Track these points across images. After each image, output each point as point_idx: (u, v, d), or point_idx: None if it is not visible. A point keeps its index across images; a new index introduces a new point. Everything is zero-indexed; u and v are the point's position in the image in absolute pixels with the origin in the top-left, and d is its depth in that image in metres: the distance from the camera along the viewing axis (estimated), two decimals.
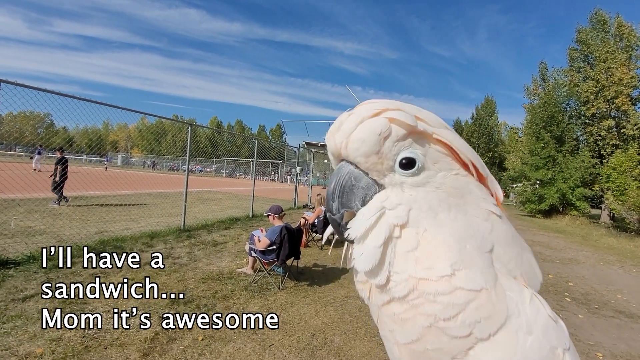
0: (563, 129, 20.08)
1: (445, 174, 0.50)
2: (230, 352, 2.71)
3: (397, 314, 0.47)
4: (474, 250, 0.47)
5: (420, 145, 0.49)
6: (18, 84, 4.19)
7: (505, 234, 0.51)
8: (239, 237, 6.85)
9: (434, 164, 0.50)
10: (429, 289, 0.45)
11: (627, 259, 9.06)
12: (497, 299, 0.45)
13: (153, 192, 12.86)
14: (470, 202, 0.50)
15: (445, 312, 0.44)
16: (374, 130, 0.47)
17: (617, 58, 18.32)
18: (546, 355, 0.45)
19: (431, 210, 0.48)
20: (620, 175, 16.06)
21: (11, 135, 19.42)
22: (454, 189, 0.50)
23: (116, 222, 6.99)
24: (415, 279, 0.45)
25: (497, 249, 0.49)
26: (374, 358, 2.86)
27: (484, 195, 0.52)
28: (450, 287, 0.44)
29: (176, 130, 29.63)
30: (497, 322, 0.45)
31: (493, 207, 0.51)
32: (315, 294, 4.16)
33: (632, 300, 5.23)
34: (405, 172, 0.49)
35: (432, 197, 0.49)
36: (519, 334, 0.45)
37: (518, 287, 0.49)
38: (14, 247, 4.53)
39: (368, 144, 0.47)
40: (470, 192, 0.51)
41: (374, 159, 0.48)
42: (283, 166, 38.72)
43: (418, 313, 0.45)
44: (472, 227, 0.48)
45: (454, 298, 0.44)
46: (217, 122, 70.48)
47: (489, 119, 44.22)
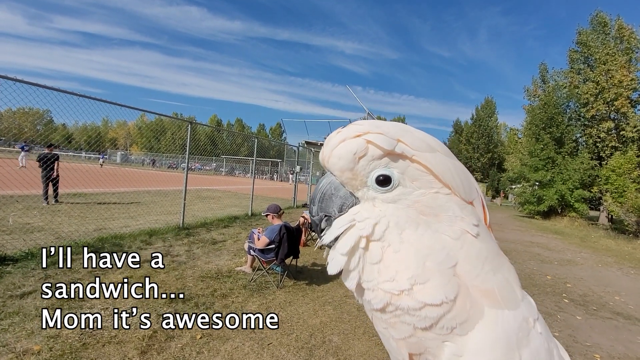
0: (563, 131, 20.11)
1: (423, 192, 0.52)
2: (229, 350, 2.71)
3: (384, 319, 0.53)
4: (435, 266, 0.50)
5: (398, 164, 0.52)
6: (17, 80, 4.18)
7: (478, 252, 0.53)
8: (237, 235, 6.84)
9: (412, 181, 0.52)
10: (402, 304, 0.49)
11: (625, 260, 9.08)
12: (469, 305, 0.50)
13: (152, 190, 12.84)
14: (445, 220, 0.52)
15: (422, 323, 0.49)
16: (350, 149, 0.51)
17: (617, 60, 18.35)
18: (520, 324, 0.52)
19: (397, 227, 0.51)
20: (619, 177, 16.11)
21: (10, 131, 19.38)
22: (427, 207, 0.52)
23: (115, 220, 6.97)
24: (388, 294, 0.50)
25: (463, 264, 0.51)
26: (372, 357, 2.86)
27: (465, 214, 0.53)
28: (417, 302, 0.49)
29: (176, 128, 29.56)
30: (475, 320, 0.51)
31: (470, 226, 0.53)
32: (314, 293, 4.16)
33: (629, 302, 5.24)
34: (379, 188, 0.52)
35: (401, 214, 0.52)
36: (497, 311, 0.52)
37: (510, 288, 0.56)
38: (12, 243, 4.51)
39: (343, 161, 0.52)
40: (447, 210, 0.52)
41: (348, 175, 0.53)
42: (282, 165, 38.72)
43: (400, 321, 0.51)
44: (438, 244, 0.51)
45: (425, 312, 0.49)
46: (216, 121, 70.38)
47: (488, 120, 44.28)
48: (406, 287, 0.49)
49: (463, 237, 0.52)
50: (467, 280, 0.51)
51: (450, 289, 0.49)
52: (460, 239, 0.52)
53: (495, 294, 0.52)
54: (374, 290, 0.51)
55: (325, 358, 2.78)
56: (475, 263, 0.52)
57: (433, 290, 0.49)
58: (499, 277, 0.54)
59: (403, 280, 0.49)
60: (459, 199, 0.53)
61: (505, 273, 0.55)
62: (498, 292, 0.52)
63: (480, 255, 0.53)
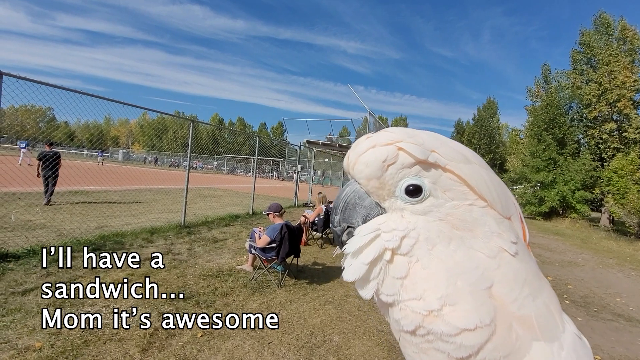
0: (565, 132, 20.06)
1: (456, 204, 0.48)
2: (229, 348, 2.71)
3: (414, 343, 0.48)
4: (467, 286, 0.45)
5: (430, 173, 0.48)
6: (20, 77, 4.19)
7: (516, 273, 0.48)
8: (239, 234, 6.85)
9: (445, 192, 0.48)
10: (435, 328, 0.45)
11: (627, 262, 9.06)
12: (514, 336, 0.45)
13: (154, 188, 12.86)
14: (480, 236, 0.48)
15: (458, 353, 0.44)
16: (380, 157, 0.48)
17: (620, 61, 18.27)
18: None
19: (427, 242, 0.47)
20: (621, 179, 16.06)
21: (12, 128, 19.43)
22: (461, 221, 0.48)
23: (116, 218, 6.99)
24: (418, 315, 0.45)
25: (499, 287, 0.46)
26: (372, 357, 2.86)
27: (502, 230, 0.49)
28: (452, 327, 0.44)
29: (177, 127, 29.57)
30: (521, 354, 0.45)
31: (509, 244, 0.48)
32: (315, 292, 4.17)
33: (630, 304, 5.23)
34: (409, 198, 0.49)
35: (432, 227, 0.48)
36: (553, 348, 0.46)
37: (551, 319, 0.49)
38: (14, 240, 4.53)
39: (370, 169, 0.49)
40: (483, 225, 0.48)
41: (374, 183, 0.50)
42: (284, 164, 38.71)
43: (432, 348, 0.46)
44: (472, 263, 0.47)
45: (461, 339, 0.44)
46: (218, 119, 70.43)
47: (490, 120, 44.17)
48: (436, 307, 0.45)
49: (500, 256, 0.47)
50: (504, 304, 0.46)
51: (485, 312, 0.44)
52: (496, 257, 0.47)
53: (533, 322, 0.46)
54: (402, 309, 0.47)
55: (326, 357, 2.78)
56: (513, 285, 0.47)
57: (465, 313, 0.44)
58: (539, 303, 0.48)
59: (432, 299, 0.45)
60: (495, 214, 0.49)
61: (545, 299, 0.49)
62: (535, 320, 0.47)
63: (518, 277, 0.48)
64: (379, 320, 3.57)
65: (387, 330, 3.37)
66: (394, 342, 3.14)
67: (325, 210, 6.69)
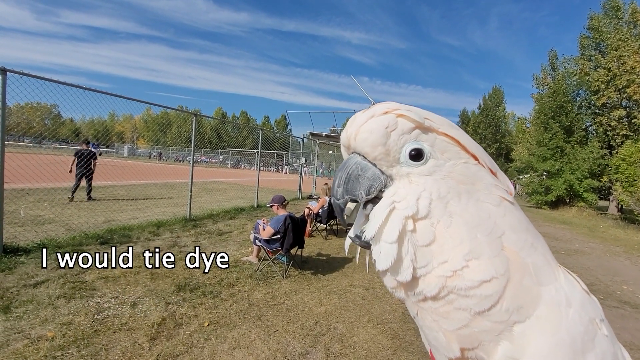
0: (572, 119, 19.70)
1: (454, 163, 0.51)
2: (236, 337, 2.77)
3: (436, 309, 0.49)
4: (485, 237, 0.47)
5: (427, 137, 0.51)
6: (23, 74, 4.22)
7: (519, 220, 0.51)
8: (243, 226, 6.91)
9: (442, 153, 0.51)
10: (459, 285, 0.46)
11: (634, 250, 8.98)
12: (529, 283, 0.47)
13: (159, 183, 12.97)
14: (481, 188, 0.51)
15: (480, 306, 0.46)
16: (382, 123, 0.50)
17: (630, 46, 17.79)
18: (586, 326, 0.49)
19: (441, 199, 0.48)
20: (630, 166, 15.78)
21: (19, 125, 19.64)
22: (463, 176, 0.51)
23: (123, 212, 7.08)
24: (441, 278, 0.46)
25: (510, 234, 0.48)
26: (376, 345, 2.90)
27: (497, 182, 0.52)
28: (473, 281, 0.45)
29: (181, 121, 29.71)
30: (533, 304, 0.47)
31: (505, 193, 0.52)
32: (319, 282, 4.21)
33: (637, 291, 5.20)
34: (413, 162, 0.51)
35: (441, 185, 0.49)
36: (560, 308, 0.48)
37: (549, 267, 0.51)
38: (24, 235, 4.62)
39: (375, 135, 0.50)
40: (482, 179, 0.51)
41: (380, 150, 0.51)
42: (287, 157, 38.72)
43: (453, 308, 0.47)
44: (484, 213, 0.49)
45: (482, 291, 0.45)
46: (221, 113, 70.42)
47: (496, 109, 43.54)
48: (460, 265, 0.46)
49: (503, 205, 0.50)
50: (514, 252, 0.48)
51: (500, 262, 0.46)
52: (500, 206, 0.50)
53: (530, 270, 0.48)
54: (425, 277, 0.47)
55: (331, 345, 2.82)
56: (519, 233, 0.50)
57: (485, 265, 0.46)
58: (539, 253, 0.50)
59: (458, 258, 0.46)
60: (487, 169, 0.53)
61: (541, 248, 0.52)
62: (532, 269, 0.48)
63: (521, 224, 0.51)
64: (383, 309, 3.60)
65: (391, 319, 3.40)
66: (398, 330, 3.18)
67: (329, 201, 6.71)
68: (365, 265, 0.57)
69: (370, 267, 0.55)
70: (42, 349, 2.33)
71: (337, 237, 6.89)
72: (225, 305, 3.30)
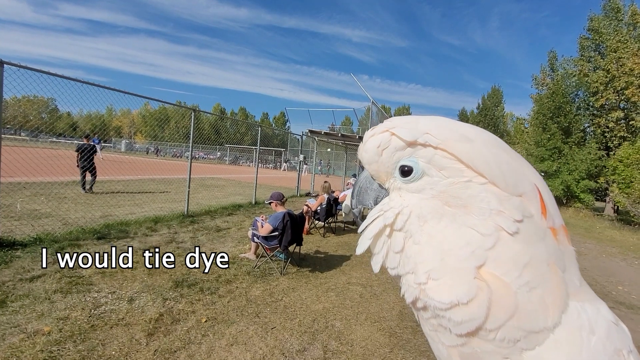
0: (570, 120, 19.77)
1: (452, 181, 0.48)
2: (233, 333, 2.76)
3: (427, 319, 0.50)
4: (454, 263, 0.45)
5: (425, 152, 0.51)
6: (21, 66, 4.17)
7: (515, 255, 0.45)
8: (241, 223, 6.89)
9: (440, 170, 0.49)
10: (429, 302, 0.47)
11: (630, 251, 9.05)
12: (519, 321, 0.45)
13: (157, 178, 12.92)
14: (476, 212, 0.47)
15: (456, 329, 0.46)
16: (375, 143, 0.54)
17: (629, 48, 17.86)
18: (611, 356, 0.45)
19: (419, 218, 0.50)
20: (627, 168, 15.87)
21: (15, 119, 19.47)
22: (454, 197, 0.48)
23: (120, 207, 7.05)
24: (415, 287, 0.48)
25: (492, 267, 0.45)
26: (374, 343, 2.91)
27: (505, 208, 0.46)
28: (440, 302, 0.46)
29: (179, 117, 29.59)
30: (546, 331, 0.45)
31: (509, 223, 0.45)
32: (317, 279, 4.21)
33: (632, 292, 5.24)
34: (404, 178, 0.53)
35: (425, 205, 0.50)
36: (582, 333, 0.45)
37: (562, 300, 0.47)
38: (20, 229, 4.59)
39: (369, 154, 0.55)
40: (481, 202, 0.47)
41: (374, 167, 0.56)
42: (286, 154, 38.68)
43: (438, 324, 0.48)
44: (461, 239, 0.46)
45: (452, 315, 0.45)
46: (220, 109, 70.15)
47: (495, 109, 43.65)
48: (423, 280, 0.47)
49: (496, 235, 0.45)
50: (502, 285, 0.45)
51: (465, 291, 0.44)
52: (492, 235, 0.45)
53: (533, 301, 0.45)
54: (404, 282, 0.51)
55: (328, 342, 2.82)
56: (510, 268, 0.44)
57: (448, 288, 0.45)
58: (534, 295, 0.45)
59: (421, 273, 0.47)
60: (498, 190, 0.47)
61: (545, 290, 0.45)
62: (520, 312, 0.44)
63: (518, 259, 0.45)
64: (381, 307, 3.61)
65: (389, 317, 3.41)
66: (395, 328, 3.19)
67: (327, 199, 6.70)
68: (363, 264, 0.61)
69: (369, 267, 0.62)
70: (38, 344, 2.31)
71: (335, 234, 6.89)
72: (223, 301, 3.29)
